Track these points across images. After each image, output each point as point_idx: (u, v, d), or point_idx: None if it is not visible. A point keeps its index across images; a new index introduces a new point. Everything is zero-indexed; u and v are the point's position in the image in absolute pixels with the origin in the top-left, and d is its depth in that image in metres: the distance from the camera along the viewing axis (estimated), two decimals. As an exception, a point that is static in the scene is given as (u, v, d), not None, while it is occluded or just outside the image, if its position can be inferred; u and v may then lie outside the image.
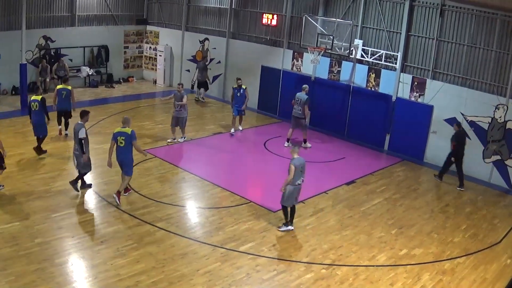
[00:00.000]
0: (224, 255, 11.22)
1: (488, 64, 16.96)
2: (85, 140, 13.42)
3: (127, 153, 13.16)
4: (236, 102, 19.93)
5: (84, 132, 13.33)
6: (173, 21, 28.01)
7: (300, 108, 18.38)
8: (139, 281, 9.93)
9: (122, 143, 13.00)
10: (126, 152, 13.13)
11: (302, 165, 12.31)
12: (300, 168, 12.23)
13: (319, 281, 10.52)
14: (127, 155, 13.18)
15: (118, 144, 13.07)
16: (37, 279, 9.63)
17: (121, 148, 13.09)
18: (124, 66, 28.88)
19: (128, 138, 12.98)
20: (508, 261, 11.96)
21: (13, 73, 22.02)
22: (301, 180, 12.43)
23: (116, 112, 21.93)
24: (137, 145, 13.34)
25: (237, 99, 19.92)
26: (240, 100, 19.91)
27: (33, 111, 16.19)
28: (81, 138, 13.24)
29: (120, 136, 13.02)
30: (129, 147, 13.09)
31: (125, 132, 13.01)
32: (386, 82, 19.48)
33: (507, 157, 16.72)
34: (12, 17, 23.07)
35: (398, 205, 14.76)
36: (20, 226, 11.57)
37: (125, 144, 13.01)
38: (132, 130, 13.13)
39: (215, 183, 15.19)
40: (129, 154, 13.21)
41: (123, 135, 13.00)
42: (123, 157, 13.20)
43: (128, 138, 12.98)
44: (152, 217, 12.63)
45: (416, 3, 18.39)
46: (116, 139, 13.06)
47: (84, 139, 13.31)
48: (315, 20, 20.37)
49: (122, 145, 13.03)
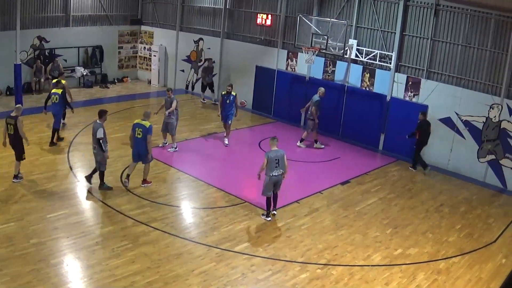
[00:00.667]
0: (219, 255, 11.22)
1: (483, 63, 17.02)
2: (103, 139, 13.69)
3: (144, 144, 14.07)
4: (225, 110, 18.46)
5: (102, 132, 13.64)
6: (167, 21, 27.97)
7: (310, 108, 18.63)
8: (134, 281, 9.92)
9: (140, 134, 13.99)
10: (143, 143, 14.06)
11: (278, 158, 12.71)
12: (275, 160, 12.64)
13: (314, 281, 10.54)
14: (144, 146, 14.09)
15: (136, 135, 14.08)
16: (33, 280, 9.61)
17: (138, 139, 14.10)
18: (119, 67, 28.81)
19: (145, 131, 13.92)
20: (503, 261, 12.01)
21: (8, 74, 21.95)
22: (278, 171, 12.77)
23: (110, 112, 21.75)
24: (149, 140, 14.09)
25: (226, 106, 18.46)
26: (229, 107, 18.47)
27: (53, 103, 17.41)
28: (99, 138, 13.58)
29: (138, 127, 14.03)
30: (144, 139, 14.01)
31: (144, 124, 13.98)
32: (380, 82, 19.52)
33: (501, 157, 16.78)
34: (6, 18, 22.98)
35: (393, 205, 14.80)
36: (16, 227, 11.54)
37: (142, 136, 13.98)
38: (150, 125, 14.06)
39: (210, 183, 15.19)
40: (145, 145, 14.08)
41: (141, 127, 13.98)
42: (140, 147, 14.18)
43: (145, 131, 13.92)
44: (147, 218, 12.62)
45: (411, 3, 18.43)
46: (134, 130, 14.08)
47: (102, 139, 13.62)
48: (310, 20, 20.39)
49: (139, 136, 14.03)
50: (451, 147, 17.87)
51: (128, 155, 16.40)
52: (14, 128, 13.76)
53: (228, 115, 18.51)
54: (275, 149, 12.83)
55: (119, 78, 28.58)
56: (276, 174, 12.73)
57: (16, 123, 13.72)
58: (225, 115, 18.54)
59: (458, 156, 17.73)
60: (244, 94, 24.37)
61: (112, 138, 18.27)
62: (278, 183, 12.92)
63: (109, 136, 18.31)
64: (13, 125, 13.75)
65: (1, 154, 15.83)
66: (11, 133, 13.91)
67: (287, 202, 14.17)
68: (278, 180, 12.86)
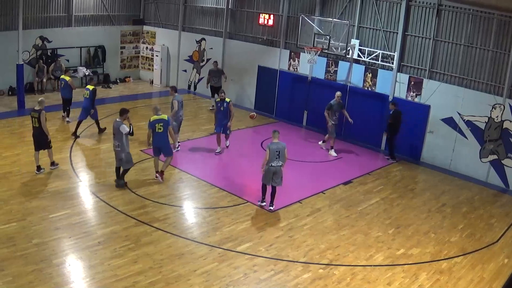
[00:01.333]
0: (221, 255, 11.22)
1: (485, 63, 16.99)
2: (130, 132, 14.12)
3: (165, 138, 14.57)
4: (219, 118, 17.38)
5: (125, 127, 13.93)
6: (169, 21, 27.99)
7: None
8: (137, 281, 9.92)
9: (161, 129, 14.36)
10: (164, 136, 14.54)
11: (279, 150, 13.22)
12: (276, 152, 13.16)
13: (316, 281, 10.53)
14: (165, 139, 14.61)
15: (157, 131, 14.37)
16: (35, 280, 9.62)
17: (160, 134, 14.45)
18: (121, 67, 28.84)
19: (166, 123, 14.41)
20: (506, 261, 11.99)
21: (10, 74, 21.96)
22: (278, 163, 13.24)
23: (113, 112, 21.88)
24: (171, 130, 14.84)
25: (220, 114, 17.37)
26: (223, 115, 17.34)
27: (84, 98, 18.62)
28: (127, 133, 13.94)
29: (158, 123, 14.34)
30: (166, 132, 14.47)
31: (163, 118, 14.42)
32: (382, 82, 19.51)
33: (504, 157, 16.75)
34: (8, 18, 23.02)
35: (395, 205, 14.78)
36: (17, 227, 11.54)
37: (163, 130, 14.40)
38: (168, 116, 14.72)
39: (212, 183, 15.19)
40: (167, 138, 14.63)
41: (161, 122, 14.37)
42: (163, 142, 14.63)
43: (166, 123, 14.41)
44: (149, 218, 12.63)
45: (413, 3, 18.41)
46: (154, 126, 14.33)
47: (128, 132, 14.01)
48: (312, 20, 20.38)
49: (160, 131, 14.39)
50: (453, 147, 17.85)
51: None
52: (38, 121, 14.53)
53: (223, 125, 17.37)
54: (276, 142, 13.30)
55: (121, 78, 28.62)
56: (275, 165, 13.20)
57: (40, 116, 14.49)
58: (219, 124, 17.38)
59: (460, 156, 17.71)
60: (247, 94, 24.40)
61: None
62: (276, 173, 13.30)
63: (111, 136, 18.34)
64: (37, 118, 14.52)
65: (3, 155, 15.89)
66: (36, 126, 14.64)
67: (289, 202, 14.17)
68: (277, 170, 13.28)
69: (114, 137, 14.01)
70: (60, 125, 19.63)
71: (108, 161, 16.08)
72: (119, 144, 13.94)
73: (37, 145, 14.83)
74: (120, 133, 13.82)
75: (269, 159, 13.12)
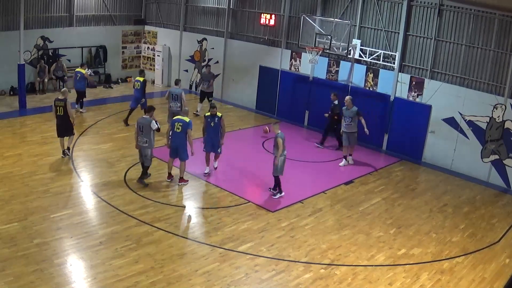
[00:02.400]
0: (222, 255, 11.22)
1: (486, 63, 16.98)
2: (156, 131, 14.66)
3: (183, 139, 14.48)
4: (209, 135, 15.57)
5: (155, 123, 14.35)
6: (171, 21, 28.00)
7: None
8: (138, 281, 9.92)
9: (179, 128, 14.39)
10: (182, 137, 14.45)
11: (285, 139, 14.06)
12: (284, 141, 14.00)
13: (317, 281, 10.52)
14: (182, 140, 14.49)
15: (175, 130, 14.45)
16: (36, 280, 9.62)
17: (177, 133, 14.46)
18: (122, 67, 28.85)
19: (186, 125, 14.39)
20: (507, 261, 11.98)
21: (11, 74, 21.95)
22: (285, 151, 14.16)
23: (114, 112, 21.92)
24: (190, 134, 14.49)
25: (210, 131, 15.53)
26: (214, 132, 15.54)
27: (135, 89, 20.32)
28: (157, 128, 14.48)
29: (178, 122, 14.46)
30: (184, 133, 14.42)
31: (184, 119, 14.48)
32: (384, 82, 19.50)
33: (505, 157, 16.74)
34: (10, 18, 23.04)
35: (396, 205, 14.77)
36: (19, 227, 11.55)
37: (181, 130, 14.39)
38: (190, 120, 14.60)
39: (214, 183, 15.20)
40: (184, 139, 14.50)
41: (181, 122, 14.43)
42: (179, 142, 14.52)
43: (186, 125, 14.39)
44: (151, 217, 12.63)
45: (414, 3, 18.40)
46: (174, 125, 14.50)
47: (158, 129, 14.57)
48: (313, 20, 20.38)
49: (179, 130, 14.41)
50: (454, 147, 17.83)
51: (132, 154, 16.50)
52: (64, 109, 15.58)
53: (214, 143, 15.67)
54: (280, 131, 14.09)
55: (123, 78, 28.60)
56: (285, 154, 14.16)
57: (65, 104, 15.56)
58: (210, 143, 15.66)
59: (461, 156, 17.69)
60: (248, 94, 24.39)
61: (116, 138, 18.38)
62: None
63: (113, 136, 18.54)
64: (62, 107, 15.56)
65: (5, 155, 15.90)
66: (61, 114, 15.68)
67: (290, 202, 14.17)
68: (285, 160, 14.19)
69: (142, 134, 14.16)
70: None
71: (110, 161, 16.11)
72: (147, 140, 14.20)
73: (61, 132, 15.89)
74: (149, 129, 14.11)
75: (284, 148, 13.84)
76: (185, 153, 14.59)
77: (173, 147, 14.66)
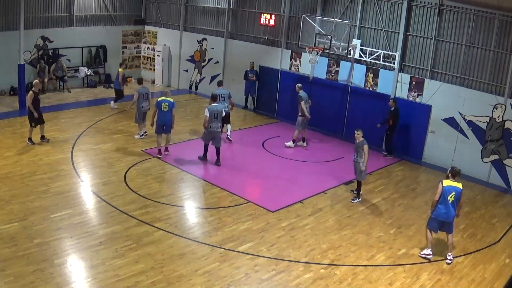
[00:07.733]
0: (223, 255, 11.22)
1: (486, 63, 16.98)
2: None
3: (169, 116, 16.66)
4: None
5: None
6: (171, 21, 28.00)
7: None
8: (138, 281, 9.92)
9: (166, 108, 16.53)
10: (169, 115, 16.63)
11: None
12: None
13: (318, 281, 10.52)
14: (169, 117, 16.67)
15: (162, 109, 16.51)
16: (36, 280, 9.62)
17: (164, 112, 16.57)
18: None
19: (171, 105, 16.61)
20: (507, 261, 11.98)
21: (11, 74, 21.96)
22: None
23: (114, 112, 21.92)
24: (174, 113, 16.78)
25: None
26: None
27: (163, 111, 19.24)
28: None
29: (164, 102, 16.54)
30: (170, 111, 16.61)
31: (169, 100, 16.67)
32: (384, 82, 19.49)
33: (505, 157, 16.74)
34: (10, 17, 23.02)
35: (396, 205, 14.77)
36: (19, 227, 11.55)
37: (168, 109, 16.57)
38: (173, 100, 16.77)
39: (214, 183, 15.19)
40: (170, 117, 16.68)
41: (167, 102, 16.58)
42: (166, 119, 16.66)
43: (171, 105, 16.61)
44: (151, 218, 12.62)
45: (414, 3, 18.40)
46: (160, 105, 16.50)
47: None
48: (313, 20, 20.37)
49: (166, 109, 16.55)
50: (454, 147, 17.83)
51: (132, 154, 16.50)
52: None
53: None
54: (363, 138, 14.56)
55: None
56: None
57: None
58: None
59: (461, 156, 17.68)
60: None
61: (116, 138, 18.37)
62: None
63: (112, 136, 18.53)
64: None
65: (5, 155, 15.91)
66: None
67: (290, 202, 14.17)
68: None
69: (217, 120, 16.16)
70: (59, 126, 19.56)
71: (110, 161, 16.11)
72: (220, 125, 16.50)
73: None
74: (221, 115, 16.37)
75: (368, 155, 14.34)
76: (169, 128, 16.90)
77: (160, 124, 16.63)
